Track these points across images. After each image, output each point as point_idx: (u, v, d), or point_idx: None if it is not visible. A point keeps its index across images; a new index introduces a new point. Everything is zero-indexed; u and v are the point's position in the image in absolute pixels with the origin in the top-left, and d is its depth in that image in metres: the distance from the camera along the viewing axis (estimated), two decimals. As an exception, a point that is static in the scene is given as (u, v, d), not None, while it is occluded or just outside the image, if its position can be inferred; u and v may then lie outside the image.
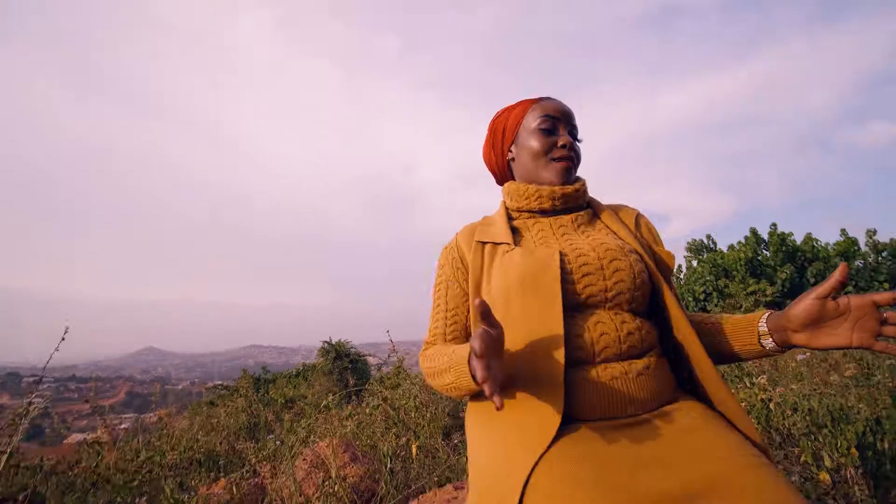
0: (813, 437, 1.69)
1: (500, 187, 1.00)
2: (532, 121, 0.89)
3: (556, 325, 0.69)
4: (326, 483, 1.72)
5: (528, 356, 0.70)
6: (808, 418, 1.73)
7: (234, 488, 1.82)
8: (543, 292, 0.71)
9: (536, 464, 0.60)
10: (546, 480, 0.58)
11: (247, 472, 2.11)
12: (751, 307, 8.36)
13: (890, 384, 2.09)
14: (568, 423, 0.66)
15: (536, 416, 0.65)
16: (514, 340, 0.72)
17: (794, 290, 9.43)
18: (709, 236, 11.56)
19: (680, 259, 12.21)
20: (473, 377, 0.65)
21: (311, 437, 2.56)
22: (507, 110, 0.95)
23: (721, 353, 0.80)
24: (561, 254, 0.75)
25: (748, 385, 2.15)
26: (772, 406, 1.95)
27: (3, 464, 1.17)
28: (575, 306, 0.73)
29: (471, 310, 0.84)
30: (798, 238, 10.10)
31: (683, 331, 0.74)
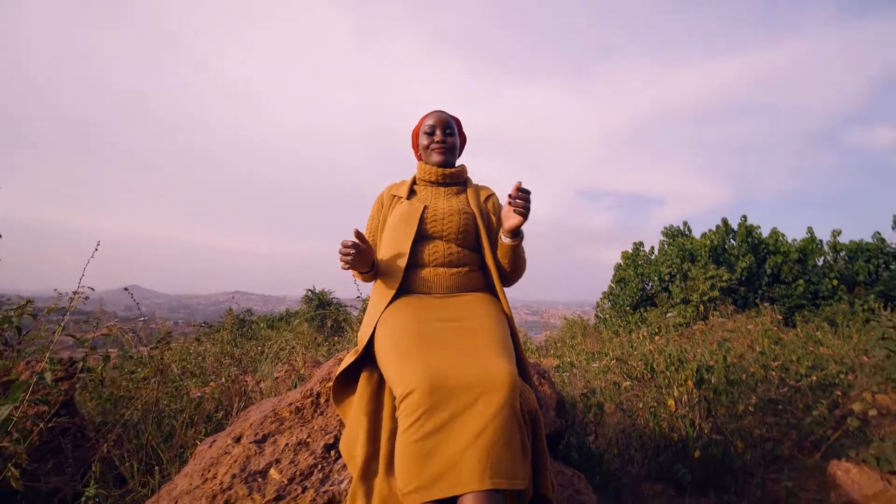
0: (668, 373, 2.24)
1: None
2: (423, 126, 1.45)
3: (407, 246, 1.27)
4: (293, 378, 2.24)
5: (391, 261, 1.28)
6: (667, 360, 2.28)
7: (226, 380, 2.33)
8: (407, 227, 1.29)
9: (385, 308, 1.19)
10: (388, 312, 1.17)
11: (232, 374, 2.62)
12: (707, 290, 9.05)
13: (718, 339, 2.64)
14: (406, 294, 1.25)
15: (388, 289, 1.24)
16: (386, 253, 1.30)
17: (752, 278, 10.08)
18: (685, 223, 12.13)
19: (655, 241, 12.75)
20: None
21: (291, 356, 3.08)
22: (421, 119, 1.49)
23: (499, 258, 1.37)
24: (425, 207, 1.32)
25: (641, 337, 2.71)
26: (653, 354, 2.49)
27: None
28: (424, 238, 1.30)
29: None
30: (765, 232, 10.68)
31: (488, 259, 1.32)
